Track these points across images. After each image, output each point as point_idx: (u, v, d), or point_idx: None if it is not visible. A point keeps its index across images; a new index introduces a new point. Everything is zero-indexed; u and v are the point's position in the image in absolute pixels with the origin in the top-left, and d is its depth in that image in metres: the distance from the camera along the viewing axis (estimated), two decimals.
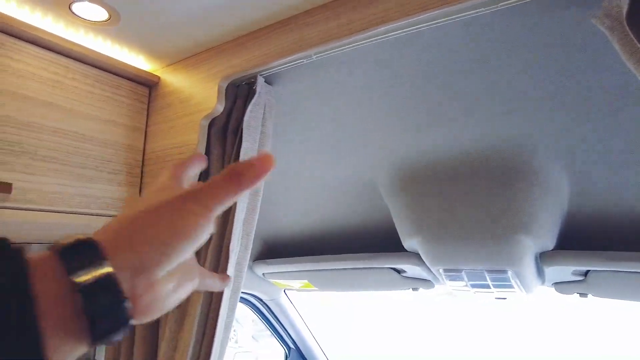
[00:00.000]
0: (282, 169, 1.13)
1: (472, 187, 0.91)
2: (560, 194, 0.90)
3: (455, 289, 1.19)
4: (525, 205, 0.88)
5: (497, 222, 0.90)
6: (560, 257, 0.96)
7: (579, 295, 1.15)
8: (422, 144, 0.92)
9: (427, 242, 1.00)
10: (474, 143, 0.87)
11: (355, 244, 1.26)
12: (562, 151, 0.83)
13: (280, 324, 1.86)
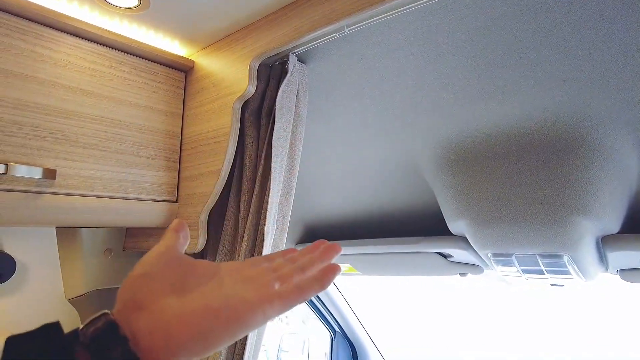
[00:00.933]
0: (320, 152, 1.10)
1: (523, 165, 0.84)
2: (626, 171, 0.80)
3: (505, 274, 1.12)
4: (583, 184, 0.79)
5: (551, 203, 0.82)
6: (625, 242, 0.86)
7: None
8: (468, 120, 0.85)
9: (474, 225, 0.94)
10: (525, 117, 0.79)
11: (399, 228, 1.21)
12: (628, 124, 0.73)
13: (326, 307, 1.86)
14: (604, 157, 0.78)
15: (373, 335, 2.02)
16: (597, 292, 9.21)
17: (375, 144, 1.00)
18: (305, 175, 1.22)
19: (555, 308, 9.12)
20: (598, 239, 0.90)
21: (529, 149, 0.83)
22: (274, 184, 0.77)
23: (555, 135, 0.79)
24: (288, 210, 0.84)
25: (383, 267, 1.36)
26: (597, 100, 0.71)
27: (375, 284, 9.95)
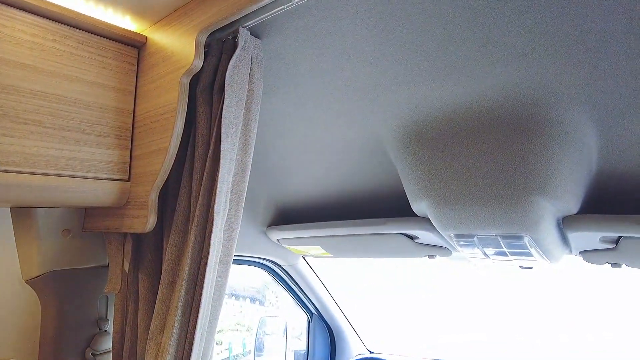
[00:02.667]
0: (288, 133, 1.08)
1: (483, 144, 0.83)
2: (585, 150, 0.79)
3: (471, 257, 1.11)
4: (542, 163, 0.78)
5: (511, 183, 0.81)
6: (584, 222, 0.86)
7: (611, 265, 1.04)
8: (428, 99, 0.83)
9: (435, 206, 0.93)
10: (484, 95, 0.78)
11: (367, 210, 1.21)
12: (587, 102, 0.71)
13: (302, 290, 1.86)
14: (564, 135, 0.76)
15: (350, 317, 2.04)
16: (572, 273, 9.25)
17: (340, 123, 0.98)
18: (275, 158, 1.20)
19: (526, 290, 9.21)
20: (558, 220, 0.89)
21: (489, 128, 0.82)
22: (224, 162, 0.75)
23: (515, 114, 0.78)
24: (243, 190, 0.83)
25: (352, 249, 1.35)
26: (556, 77, 0.70)
27: (351, 267, 9.90)
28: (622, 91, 0.68)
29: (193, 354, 0.79)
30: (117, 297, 1.01)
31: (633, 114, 0.71)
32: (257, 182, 1.31)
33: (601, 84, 0.68)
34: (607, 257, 0.99)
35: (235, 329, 7.82)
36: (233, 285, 9.94)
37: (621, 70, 0.65)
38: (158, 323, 0.84)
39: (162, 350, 0.81)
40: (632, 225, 0.81)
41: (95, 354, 1.06)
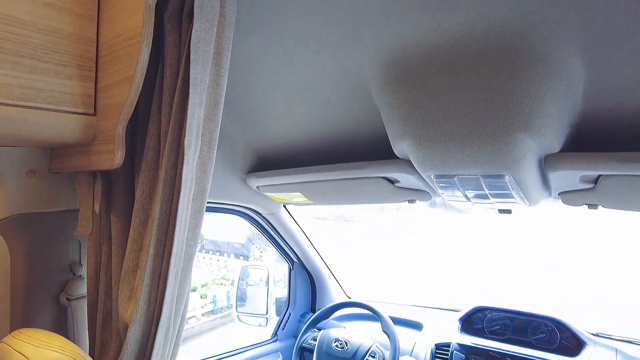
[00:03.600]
0: (265, 74, 1.02)
1: (468, 79, 0.79)
2: (572, 86, 0.76)
3: (451, 199, 1.11)
4: (527, 99, 0.75)
5: (494, 119, 0.79)
6: (566, 160, 0.85)
7: (588, 206, 1.05)
8: (412, 31, 0.78)
9: (417, 145, 0.90)
10: (469, 26, 0.73)
11: (349, 154, 1.18)
12: (576, 36, 0.68)
13: (283, 239, 1.86)
14: (550, 70, 0.73)
15: (331, 264, 2.06)
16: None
17: (320, 61, 0.93)
18: (253, 101, 1.15)
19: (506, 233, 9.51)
20: (540, 159, 0.88)
21: (475, 62, 0.78)
22: (194, 93, 0.70)
23: (501, 46, 0.74)
24: (216, 126, 0.78)
25: (333, 195, 1.34)
26: (545, 8, 0.65)
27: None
28: (612, 26, 0.64)
29: (167, 293, 0.77)
30: (89, 241, 0.97)
31: (622, 50, 0.68)
32: (235, 127, 1.26)
33: (591, 18, 0.64)
34: (585, 198, 0.99)
35: (220, 283, 7.97)
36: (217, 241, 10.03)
37: (613, 5, 0.61)
38: (130, 263, 0.81)
39: (135, 291, 0.79)
40: (612, 163, 0.80)
41: (70, 299, 1.04)
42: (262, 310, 1.98)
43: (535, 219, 11.25)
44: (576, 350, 1.40)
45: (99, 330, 0.92)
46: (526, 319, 1.53)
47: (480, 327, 1.60)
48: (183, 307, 0.86)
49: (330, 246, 2.53)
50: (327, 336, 1.67)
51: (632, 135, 0.82)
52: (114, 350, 0.86)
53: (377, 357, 1.55)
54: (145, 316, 0.79)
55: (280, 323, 2.00)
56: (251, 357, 1.78)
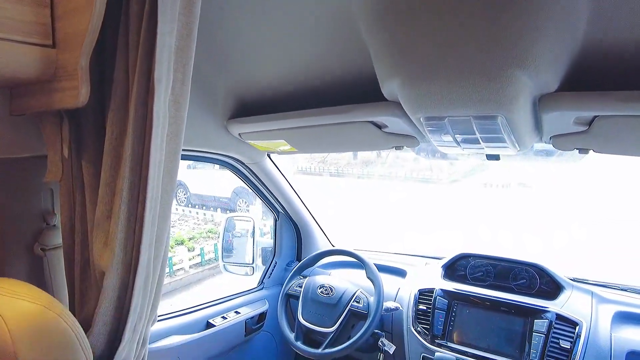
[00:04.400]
0: (246, 10, 0.93)
1: (460, 11, 0.73)
2: (573, 18, 0.71)
3: (440, 144, 1.07)
4: (524, 32, 0.70)
5: (489, 54, 0.74)
6: (562, 100, 0.81)
7: (579, 151, 1.03)
8: None
9: (407, 85, 0.85)
10: None
11: (335, 97, 1.12)
12: None
13: (268, 190, 1.83)
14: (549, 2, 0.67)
15: (317, 216, 2.06)
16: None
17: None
18: (234, 41, 1.06)
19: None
20: (535, 99, 0.84)
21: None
22: (163, 21, 0.63)
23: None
24: (190, 57, 0.71)
25: (318, 142, 1.29)
26: None
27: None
28: None
29: (144, 239, 0.74)
30: (61, 188, 0.92)
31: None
32: (214, 70, 1.18)
33: None
34: (577, 141, 0.97)
35: (207, 236, 8.03)
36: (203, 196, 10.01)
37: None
38: (104, 208, 0.77)
39: (111, 237, 0.75)
40: (611, 103, 0.77)
41: (45, 249, 1.00)
42: (248, 260, 1.98)
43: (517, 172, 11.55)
44: (554, 294, 1.44)
45: (78, 280, 0.89)
46: (508, 265, 1.56)
47: (463, 274, 1.63)
48: (163, 254, 0.83)
49: (318, 199, 2.52)
50: (313, 283, 1.69)
51: (631, 75, 0.78)
52: (94, 299, 0.83)
53: (361, 302, 1.57)
54: (123, 263, 0.76)
55: (267, 272, 2.01)
56: (238, 305, 1.80)
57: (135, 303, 0.78)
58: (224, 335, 1.66)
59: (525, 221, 8.54)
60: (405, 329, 1.57)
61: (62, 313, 0.60)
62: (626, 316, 1.38)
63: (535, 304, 1.39)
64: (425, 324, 1.50)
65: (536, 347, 1.30)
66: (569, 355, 1.26)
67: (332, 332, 1.53)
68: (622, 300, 1.43)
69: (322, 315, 1.58)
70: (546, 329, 1.32)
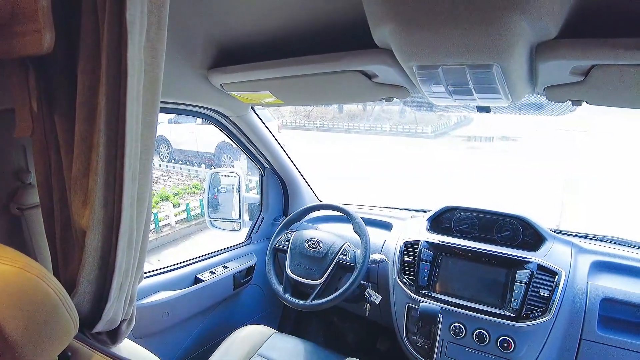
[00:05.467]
0: None
1: None
2: None
3: (432, 95, 1.04)
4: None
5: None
6: (562, 47, 0.77)
7: (572, 103, 1.01)
8: None
9: (399, 30, 0.80)
10: None
11: (323, 44, 1.05)
12: None
13: (253, 144, 1.78)
14: None
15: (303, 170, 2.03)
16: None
17: None
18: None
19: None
20: (532, 47, 0.80)
21: None
22: None
23: None
24: (164, 5, 0.65)
25: (305, 93, 1.24)
26: None
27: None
28: None
29: (125, 196, 0.70)
30: (34, 145, 0.86)
31: None
32: (192, 15, 1.09)
33: None
34: (572, 92, 0.95)
35: (192, 192, 7.99)
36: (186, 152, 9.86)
37: None
38: (80, 166, 0.72)
39: (89, 195, 0.71)
40: (611, 50, 0.74)
41: (22, 209, 0.95)
42: (235, 215, 1.97)
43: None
44: (537, 246, 1.47)
45: (59, 241, 0.86)
46: (493, 217, 1.58)
47: (448, 226, 1.65)
48: (146, 211, 0.80)
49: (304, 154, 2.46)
50: (300, 237, 1.69)
51: (632, 22, 0.74)
52: (77, 259, 0.81)
53: (348, 255, 1.59)
54: (104, 222, 0.73)
55: (254, 227, 2.01)
56: (226, 259, 1.81)
57: (119, 262, 0.76)
58: (213, 289, 1.68)
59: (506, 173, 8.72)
60: (390, 280, 1.60)
61: (40, 274, 0.57)
62: (603, 265, 1.43)
63: (517, 255, 1.42)
64: (411, 275, 1.53)
65: (517, 296, 1.34)
66: (548, 302, 1.31)
67: (320, 284, 1.56)
68: (600, 250, 1.48)
69: (310, 268, 1.60)
70: (527, 278, 1.36)
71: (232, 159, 9.34)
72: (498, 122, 13.78)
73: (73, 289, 0.77)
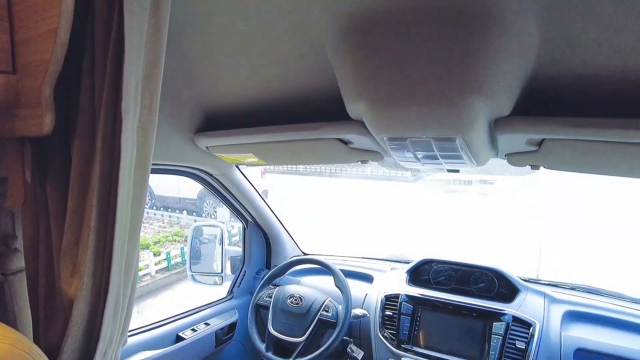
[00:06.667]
0: (213, 28, 0.94)
1: (424, 39, 0.77)
2: (525, 48, 0.76)
3: (402, 160, 1.12)
4: (482, 61, 0.75)
5: (449, 82, 0.78)
6: (515, 124, 0.87)
7: (531, 167, 1.10)
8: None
9: (372, 108, 0.89)
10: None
11: (301, 114, 1.14)
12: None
13: (236, 199, 1.83)
14: (505, 29, 0.72)
15: (285, 222, 2.07)
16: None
17: (272, 12, 0.86)
18: (199, 54, 1.06)
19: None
20: (490, 122, 0.90)
21: (428, 23, 0.76)
22: (130, 49, 0.63)
23: (454, 5, 0.72)
24: (157, 85, 0.72)
25: (286, 156, 1.31)
26: None
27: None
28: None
29: (114, 266, 0.74)
30: (24, 212, 0.89)
31: (575, 13, 0.68)
32: (180, 83, 1.18)
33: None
34: (529, 159, 1.04)
35: (173, 239, 7.86)
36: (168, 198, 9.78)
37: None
38: (71, 237, 0.76)
39: (79, 265, 0.74)
40: (557, 127, 0.83)
41: (6, 274, 0.96)
42: (217, 268, 1.97)
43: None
44: (511, 297, 1.53)
45: (42, 305, 0.87)
46: (469, 269, 1.64)
47: (426, 278, 1.70)
48: (133, 277, 0.83)
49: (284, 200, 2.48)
50: (283, 292, 1.71)
51: (576, 101, 0.85)
52: (60, 325, 0.82)
53: (330, 311, 1.61)
54: (92, 291, 0.76)
55: (236, 281, 2.01)
56: (208, 315, 1.79)
57: (105, 329, 0.78)
58: (195, 347, 1.65)
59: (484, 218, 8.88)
60: (372, 334, 1.62)
61: (31, 351, 0.59)
62: (575, 315, 1.49)
63: (493, 307, 1.47)
64: (392, 329, 1.56)
65: (495, 349, 1.38)
66: (524, 354, 1.35)
67: (302, 342, 1.56)
68: (571, 300, 1.54)
69: (292, 325, 1.60)
70: (504, 330, 1.40)
71: (214, 206, 9.29)
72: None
73: (56, 355, 0.78)
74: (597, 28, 0.69)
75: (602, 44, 0.72)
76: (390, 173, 15.30)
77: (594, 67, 0.77)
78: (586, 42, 0.72)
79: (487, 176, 13.66)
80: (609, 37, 0.70)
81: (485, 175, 13.63)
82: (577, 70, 0.79)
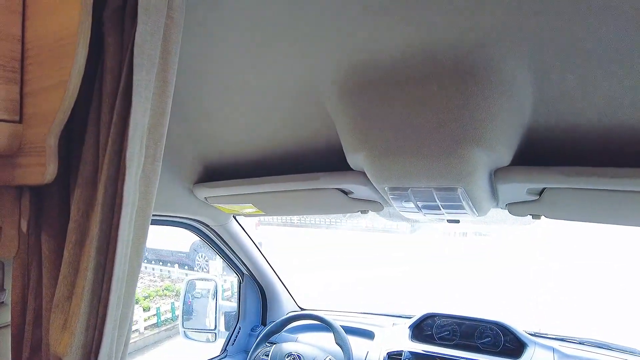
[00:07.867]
0: (214, 82, 0.97)
1: (423, 93, 0.79)
2: (522, 101, 0.79)
3: (404, 210, 1.12)
4: (480, 113, 0.77)
5: (449, 133, 0.80)
6: (515, 174, 0.88)
7: (532, 217, 1.10)
8: (369, 40, 0.77)
9: (372, 158, 0.90)
10: (427, 39, 0.73)
11: (300, 164, 1.15)
12: (528, 50, 0.70)
13: (232, 251, 1.79)
14: (502, 84, 0.75)
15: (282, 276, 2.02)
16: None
17: (273, 67, 0.89)
18: (200, 106, 1.09)
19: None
20: (491, 172, 0.91)
21: (427, 78, 0.79)
22: (137, 101, 0.64)
23: (451, 63, 0.75)
24: (161, 136, 0.72)
25: (286, 206, 1.31)
26: (500, 24, 0.67)
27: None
28: (565, 44, 0.67)
29: (108, 320, 0.70)
30: (15, 263, 0.86)
31: (567, 67, 0.71)
32: (180, 135, 1.19)
33: (543, 38, 0.67)
34: (530, 208, 1.04)
35: (163, 294, 7.61)
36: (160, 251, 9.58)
37: (564, 24, 0.64)
38: (65, 289, 0.73)
39: (71, 319, 0.70)
40: (557, 177, 0.84)
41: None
42: (210, 324, 1.89)
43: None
44: (518, 352, 1.46)
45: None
46: (473, 324, 1.58)
47: (430, 334, 1.63)
48: (126, 333, 0.79)
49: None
50: (280, 351, 1.63)
51: (574, 151, 0.87)
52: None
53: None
54: (83, 347, 0.71)
55: (230, 338, 1.92)
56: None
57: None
58: None
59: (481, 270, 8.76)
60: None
61: None
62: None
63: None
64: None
65: None
66: None
67: None
68: (582, 356, 1.48)
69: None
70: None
71: (206, 259, 9.11)
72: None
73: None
74: (588, 78, 0.72)
75: (593, 94, 0.74)
76: (386, 225, 15.25)
77: (588, 116, 0.79)
78: (578, 93, 0.75)
79: (483, 228, 13.66)
80: (598, 86, 0.73)
81: (481, 227, 13.63)
82: (573, 120, 0.81)
